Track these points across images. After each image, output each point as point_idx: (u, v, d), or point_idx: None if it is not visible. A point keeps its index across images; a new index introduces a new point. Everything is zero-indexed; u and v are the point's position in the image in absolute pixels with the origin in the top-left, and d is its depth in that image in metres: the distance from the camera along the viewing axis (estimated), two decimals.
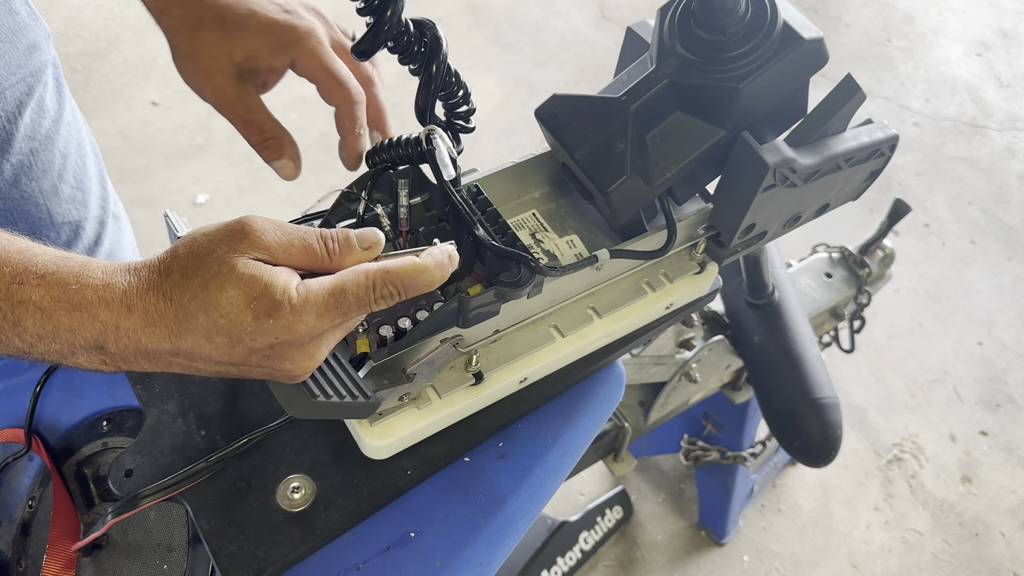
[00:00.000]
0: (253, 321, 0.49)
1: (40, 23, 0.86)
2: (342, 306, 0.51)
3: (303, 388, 0.55)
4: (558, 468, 0.73)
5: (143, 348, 0.50)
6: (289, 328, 0.50)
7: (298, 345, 0.52)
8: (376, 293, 0.52)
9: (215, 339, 0.50)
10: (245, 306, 0.49)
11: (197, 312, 0.49)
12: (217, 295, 0.49)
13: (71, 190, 0.92)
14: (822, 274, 1.55)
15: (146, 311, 0.49)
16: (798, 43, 0.63)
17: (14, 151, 0.83)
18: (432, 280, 0.55)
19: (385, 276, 0.53)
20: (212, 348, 0.50)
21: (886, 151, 0.75)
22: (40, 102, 0.85)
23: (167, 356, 0.51)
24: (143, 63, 2.82)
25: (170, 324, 0.49)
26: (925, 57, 3.21)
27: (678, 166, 0.68)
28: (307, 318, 0.50)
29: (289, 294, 0.49)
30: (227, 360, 0.51)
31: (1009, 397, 2.18)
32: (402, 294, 0.54)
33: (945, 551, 1.89)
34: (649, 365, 1.29)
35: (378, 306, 0.53)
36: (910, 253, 2.49)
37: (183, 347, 0.50)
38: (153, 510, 0.69)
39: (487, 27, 3.14)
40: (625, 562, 1.83)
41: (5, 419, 0.75)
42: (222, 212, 2.42)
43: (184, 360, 0.51)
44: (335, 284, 0.51)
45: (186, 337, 0.50)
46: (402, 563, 0.65)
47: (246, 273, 0.49)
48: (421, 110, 0.64)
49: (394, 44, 0.61)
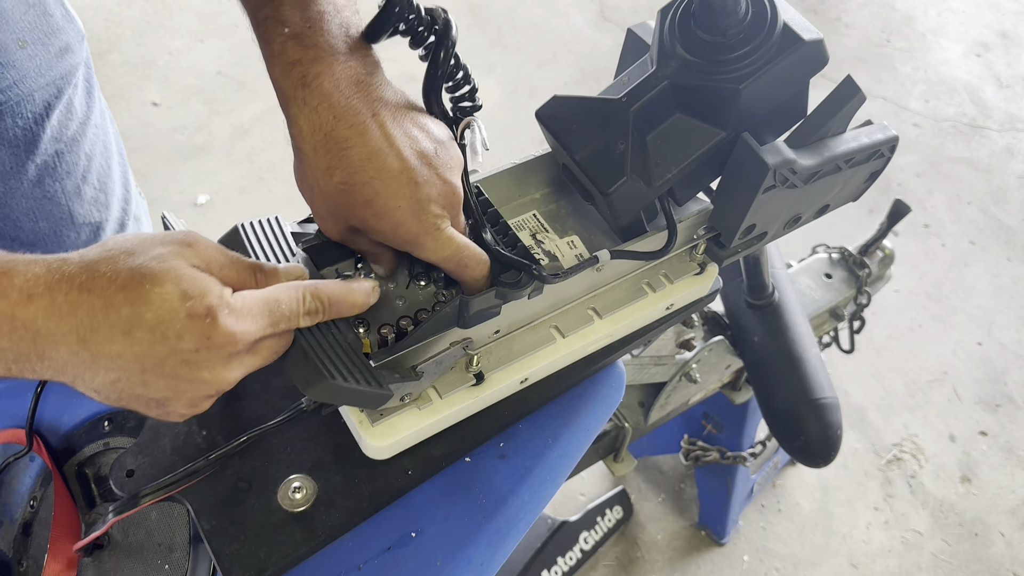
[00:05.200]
0: (186, 319, 0.48)
1: (75, 24, 0.86)
2: (274, 314, 0.53)
3: (322, 369, 0.55)
4: (558, 468, 0.73)
5: (39, 344, 0.47)
6: (223, 330, 0.49)
7: (224, 353, 0.51)
8: (305, 306, 0.55)
9: (134, 334, 0.48)
10: (180, 303, 0.48)
11: (121, 304, 0.47)
12: (150, 289, 0.48)
13: (94, 191, 0.93)
14: (822, 275, 1.55)
15: (52, 301, 0.46)
16: (798, 44, 0.64)
17: (40, 152, 0.83)
18: (355, 303, 0.59)
19: (314, 292, 0.56)
20: (126, 345, 0.48)
21: (886, 152, 0.75)
22: (69, 104, 0.86)
23: (65, 355, 0.48)
24: (143, 63, 2.82)
25: (82, 316, 0.47)
26: (925, 58, 3.21)
27: (678, 167, 0.68)
28: (242, 322, 0.51)
29: (226, 299, 0.50)
30: (138, 360, 0.49)
31: (1008, 397, 2.18)
32: (327, 312, 0.57)
33: (945, 551, 1.89)
34: (649, 365, 1.29)
35: (304, 321, 0.56)
36: (910, 254, 2.49)
37: (91, 342, 0.47)
38: (154, 510, 0.69)
39: (487, 28, 3.14)
40: (625, 562, 1.83)
41: (6, 419, 0.75)
42: (222, 212, 2.42)
43: (84, 360, 0.48)
44: (268, 293, 0.53)
45: (100, 331, 0.47)
46: (403, 563, 0.65)
47: (186, 274, 0.49)
48: (427, 94, 0.65)
49: (405, 28, 0.61)
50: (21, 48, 0.77)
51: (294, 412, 0.67)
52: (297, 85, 0.57)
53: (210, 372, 0.51)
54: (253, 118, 2.68)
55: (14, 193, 0.83)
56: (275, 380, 0.72)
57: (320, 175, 0.58)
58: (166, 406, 0.53)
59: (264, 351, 0.55)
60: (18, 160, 0.82)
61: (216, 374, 0.52)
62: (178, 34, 2.94)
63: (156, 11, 3.03)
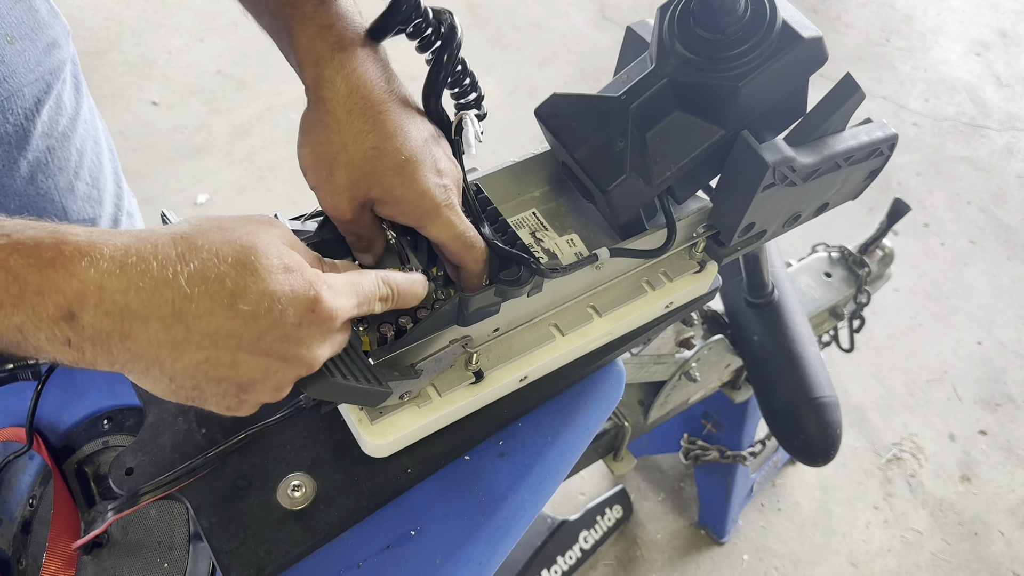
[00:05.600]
0: (291, 292, 0.47)
1: (59, 21, 0.86)
2: (360, 294, 0.54)
3: (322, 366, 0.55)
4: (558, 467, 0.73)
5: (127, 321, 0.43)
6: (326, 305, 0.49)
7: (324, 329, 0.50)
8: (380, 291, 0.56)
9: (237, 306, 0.45)
10: (284, 276, 0.47)
11: (225, 275, 0.45)
12: (255, 260, 0.46)
13: (87, 187, 0.93)
14: (821, 273, 1.55)
15: (147, 271, 0.43)
16: (797, 42, 0.64)
17: (31, 148, 0.83)
18: (418, 294, 0.60)
19: (386, 279, 0.57)
20: (227, 318, 0.45)
21: (885, 150, 0.75)
22: (58, 100, 0.86)
23: (154, 332, 0.44)
24: (143, 63, 2.82)
25: (180, 288, 0.44)
26: (924, 57, 3.21)
27: (678, 165, 0.68)
28: (340, 298, 0.51)
29: (321, 275, 0.51)
30: (235, 336, 0.46)
31: (1008, 396, 2.18)
32: (396, 300, 0.58)
33: (944, 550, 1.89)
34: (649, 364, 1.29)
35: (377, 307, 0.57)
36: (909, 253, 2.49)
37: (187, 315, 0.44)
38: (154, 508, 0.69)
39: (487, 27, 3.14)
40: (625, 561, 1.83)
41: (6, 418, 0.75)
42: (222, 212, 2.41)
43: (175, 337, 0.45)
44: (352, 276, 0.55)
45: (200, 303, 0.44)
46: (402, 561, 0.65)
47: (285, 249, 0.50)
48: (426, 96, 0.65)
49: (412, 30, 0.62)
50: (9, 44, 0.77)
51: (293, 410, 0.67)
52: (334, 47, 0.58)
53: (307, 349, 0.50)
54: (253, 117, 2.68)
55: (7, 191, 0.83)
56: None
57: (351, 138, 0.59)
58: (247, 392, 0.51)
59: (344, 333, 0.54)
60: (10, 157, 0.82)
61: (312, 351, 0.51)
62: (178, 33, 2.94)
63: (156, 10, 3.03)
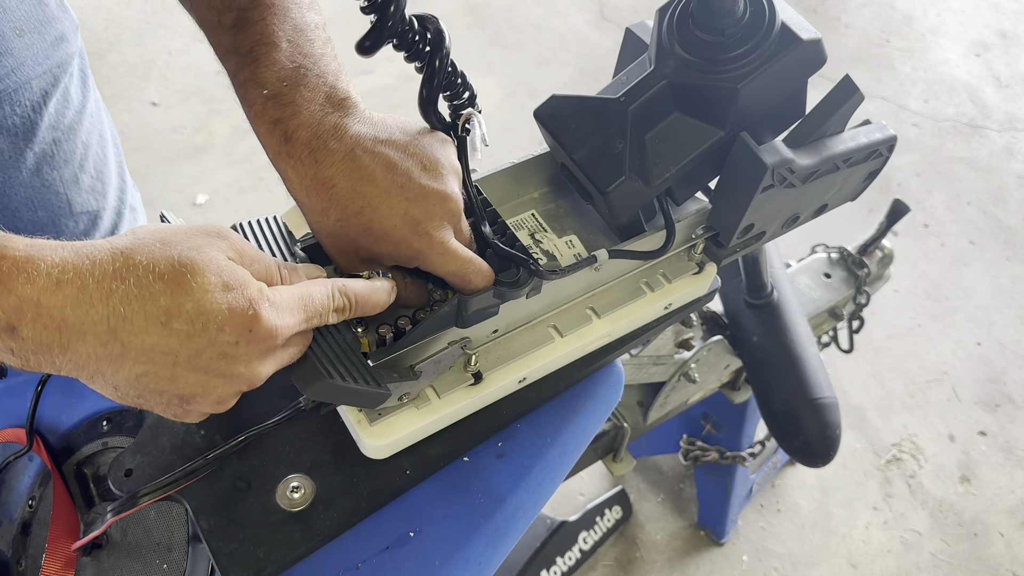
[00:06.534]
0: (228, 311, 0.47)
1: (68, 15, 0.87)
2: (308, 309, 0.53)
3: (320, 368, 0.55)
4: (557, 468, 0.74)
5: (65, 334, 0.44)
6: (265, 323, 0.49)
7: (263, 347, 0.50)
8: (334, 303, 0.56)
9: (172, 325, 0.46)
10: (222, 295, 0.47)
11: (160, 294, 0.45)
12: (191, 279, 0.46)
13: (91, 180, 0.93)
14: (821, 274, 1.55)
15: (83, 288, 0.44)
16: (796, 44, 0.64)
17: (38, 140, 0.84)
18: (380, 302, 0.60)
19: (342, 289, 0.57)
20: (161, 336, 0.46)
21: (884, 152, 0.75)
22: (65, 93, 0.86)
23: (92, 347, 0.45)
24: (143, 63, 2.82)
25: (115, 305, 0.44)
26: (924, 58, 3.21)
27: (677, 166, 0.69)
28: (282, 316, 0.50)
29: (266, 292, 0.50)
30: (171, 353, 0.47)
31: (1008, 397, 2.18)
32: (354, 309, 0.58)
33: (944, 551, 1.89)
34: (648, 365, 1.29)
35: (332, 318, 0.56)
36: (909, 253, 2.49)
37: (122, 333, 0.45)
38: (153, 510, 0.69)
39: (487, 27, 3.14)
40: (624, 562, 1.83)
41: (6, 419, 0.75)
42: (222, 212, 2.42)
43: (112, 352, 0.46)
44: (301, 289, 0.54)
45: (133, 321, 0.45)
46: (401, 562, 0.65)
47: (226, 265, 0.49)
48: (424, 105, 0.65)
49: (398, 41, 0.61)
50: (19, 37, 0.78)
51: (292, 411, 0.67)
52: (280, 142, 0.58)
53: (246, 366, 0.50)
54: None
55: (12, 182, 0.84)
56: (273, 379, 0.72)
57: (318, 218, 0.60)
58: (190, 403, 0.51)
59: (292, 347, 0.54)
60: (16, 149, 0.82)
61: (252, 369, 0.51)
62: (177, 34, 2.94)
63: (155, 11, 3.03)
